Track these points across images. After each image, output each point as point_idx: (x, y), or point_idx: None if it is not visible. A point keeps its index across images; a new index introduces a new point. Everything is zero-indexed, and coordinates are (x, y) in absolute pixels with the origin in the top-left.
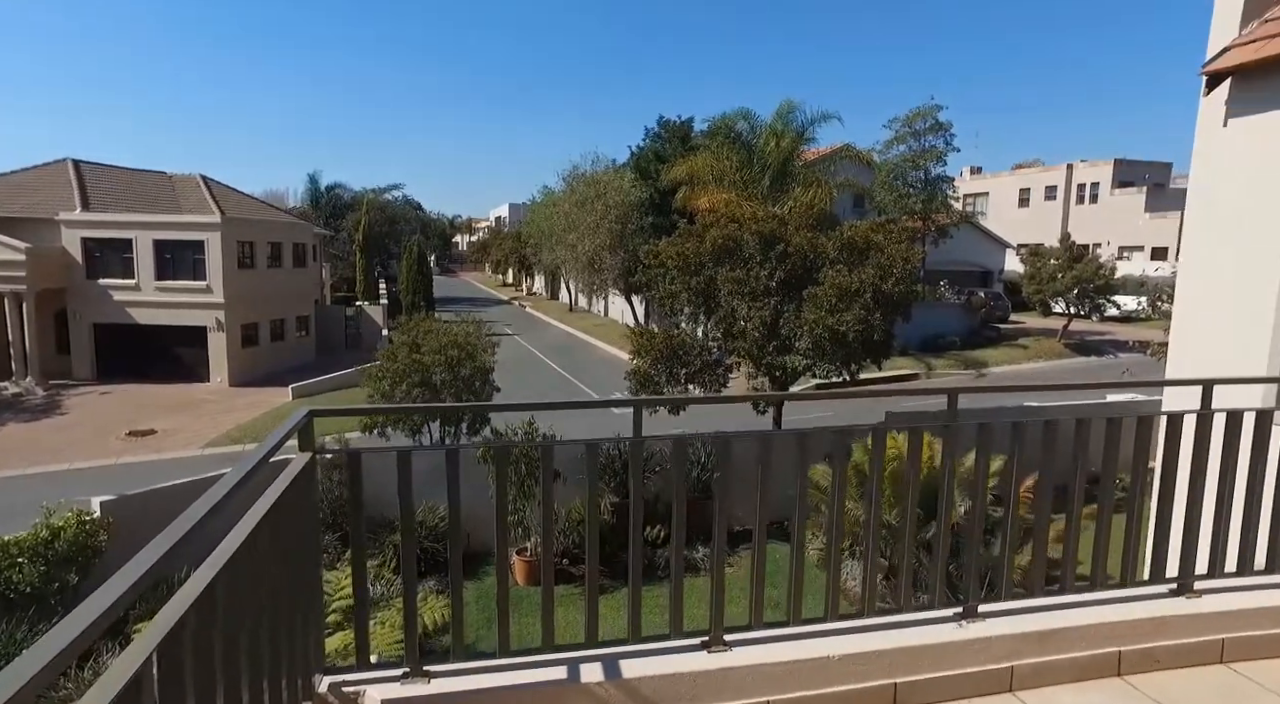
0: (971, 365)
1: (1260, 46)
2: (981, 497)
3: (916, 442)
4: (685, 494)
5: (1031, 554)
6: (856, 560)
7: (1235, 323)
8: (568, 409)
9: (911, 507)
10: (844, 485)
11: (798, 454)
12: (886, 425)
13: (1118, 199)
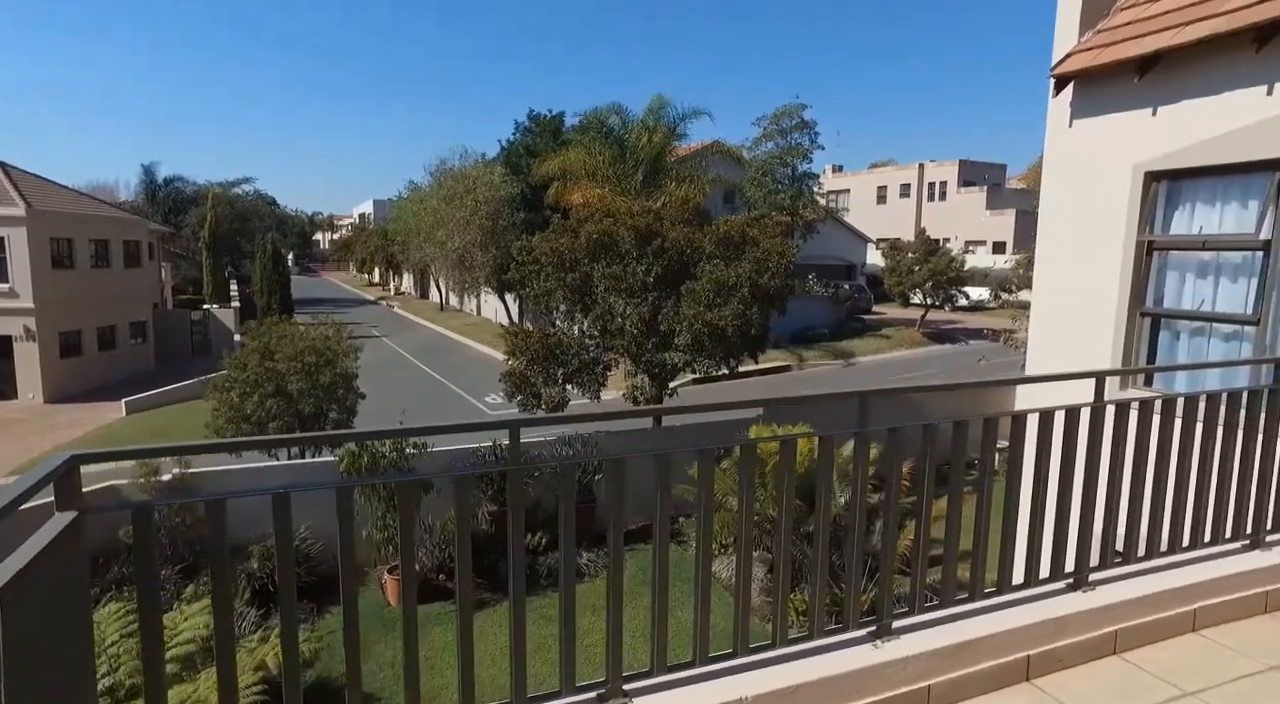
0: (840, 356)
1: (1096, 54)
2: (894, 506)
3: (828, 450)
4: (574, 526)
5: (942, 562)
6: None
7: (1084, 315)
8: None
9: (824, 523)
10: (750, 514)
11: (690, 461)
12: (795, 438)
13: (963, 197)
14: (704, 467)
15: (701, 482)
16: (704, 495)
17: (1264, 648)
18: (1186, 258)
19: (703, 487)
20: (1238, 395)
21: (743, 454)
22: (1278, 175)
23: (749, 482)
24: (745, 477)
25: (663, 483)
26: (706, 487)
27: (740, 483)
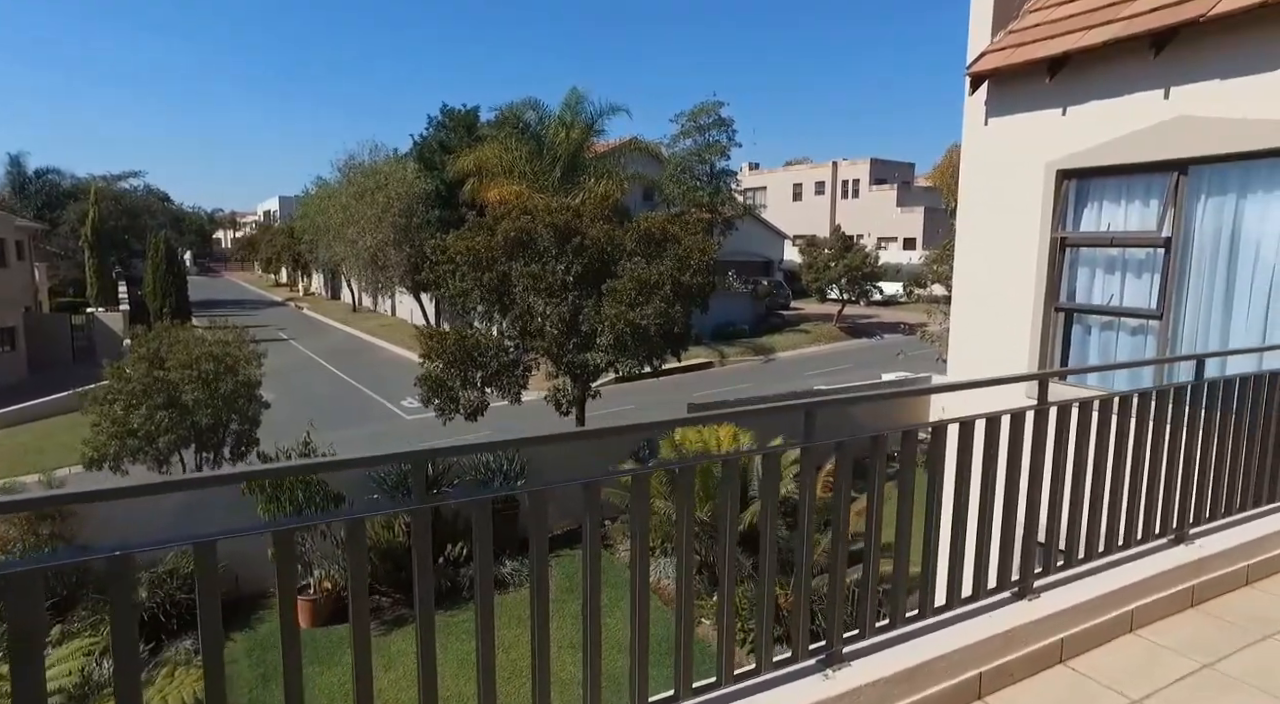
0: (761, 352)
1: (1008, 54)
2: (845, 523)
3: (774, 465)
4: (491, 569)
5: (892, 579)
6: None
7: (1002, 310)
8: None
9: (769, 545)
10: (689, 547)
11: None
12: (738, 455)
13: (874, 194)
14: (636, 503)
15: (633, 519)
16: (638, 551)
17: (1195, 645)
18: (1096, 254)
19: (635, 524)
20: (1165, 392)
21: (680, 477)
22: (1175, 175)
23: (687, 517)
24: (684, 509)
25: (591, 527)
26: (640, 525)
27: (679, 518)
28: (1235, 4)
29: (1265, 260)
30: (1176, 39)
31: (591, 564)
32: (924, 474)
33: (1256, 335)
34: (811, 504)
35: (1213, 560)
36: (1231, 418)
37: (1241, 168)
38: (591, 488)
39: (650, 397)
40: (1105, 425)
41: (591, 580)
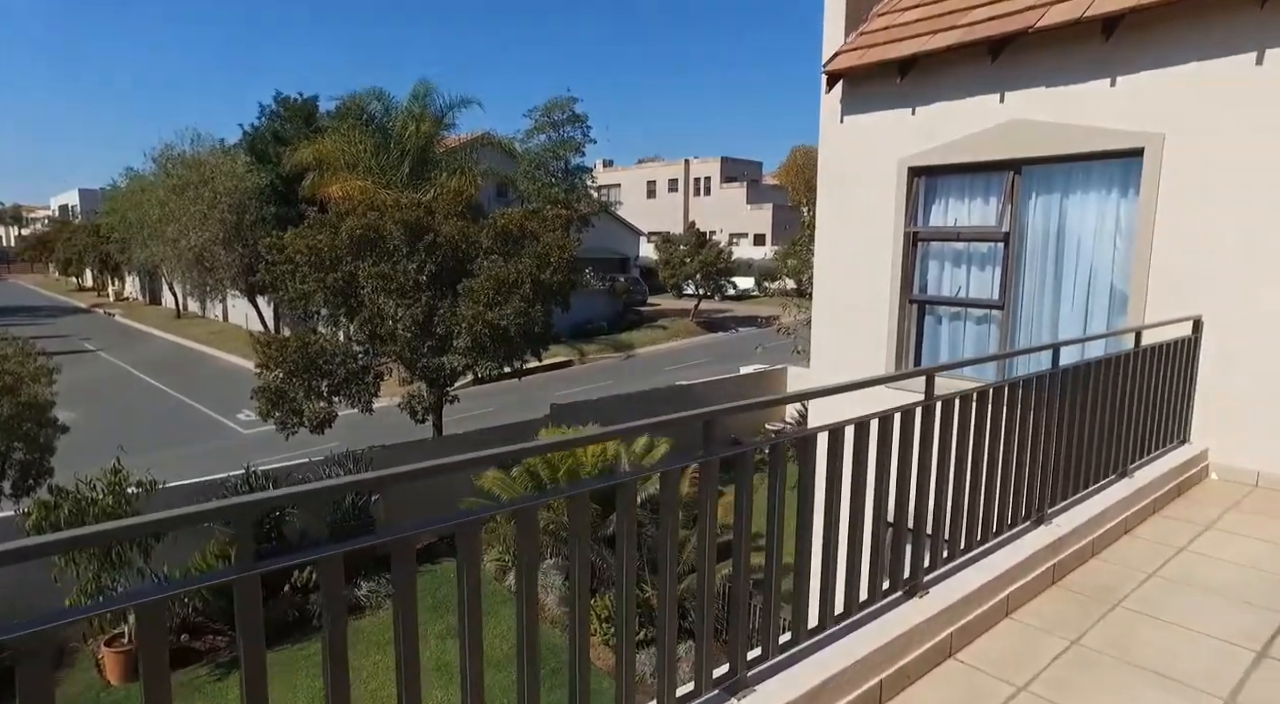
0: (621, 348)
1: (861, 54)
2: (745, 541)
3: (674, 480)
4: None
5: (794, 592)
6: (557, 572)
7: (862, 302)
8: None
9: (670, 568)
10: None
11: None
12: (677, 470)
13: (726, 192)
14: (522, 541)
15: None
16: (623, 546)
17: (1061, 622)
18: (945, 248)
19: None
20: (1030, 381)
21: (620, 495)
22: (1011, 175)
23: (628, 551)
24: (625, 539)
25: (523, 561)
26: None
27: (620, 558)
28: (1057, 19)
29: (1085, 254)
30: (1010, 47)
31: (504, 597)
32: (830, 478)
33: (1080, 323)
34: (713, 528)
35: (1067, 538)
36: (1078, 402)
37: (1065, 169)
38: (526, 517)
39: (511, 398)
40: (982, 417)
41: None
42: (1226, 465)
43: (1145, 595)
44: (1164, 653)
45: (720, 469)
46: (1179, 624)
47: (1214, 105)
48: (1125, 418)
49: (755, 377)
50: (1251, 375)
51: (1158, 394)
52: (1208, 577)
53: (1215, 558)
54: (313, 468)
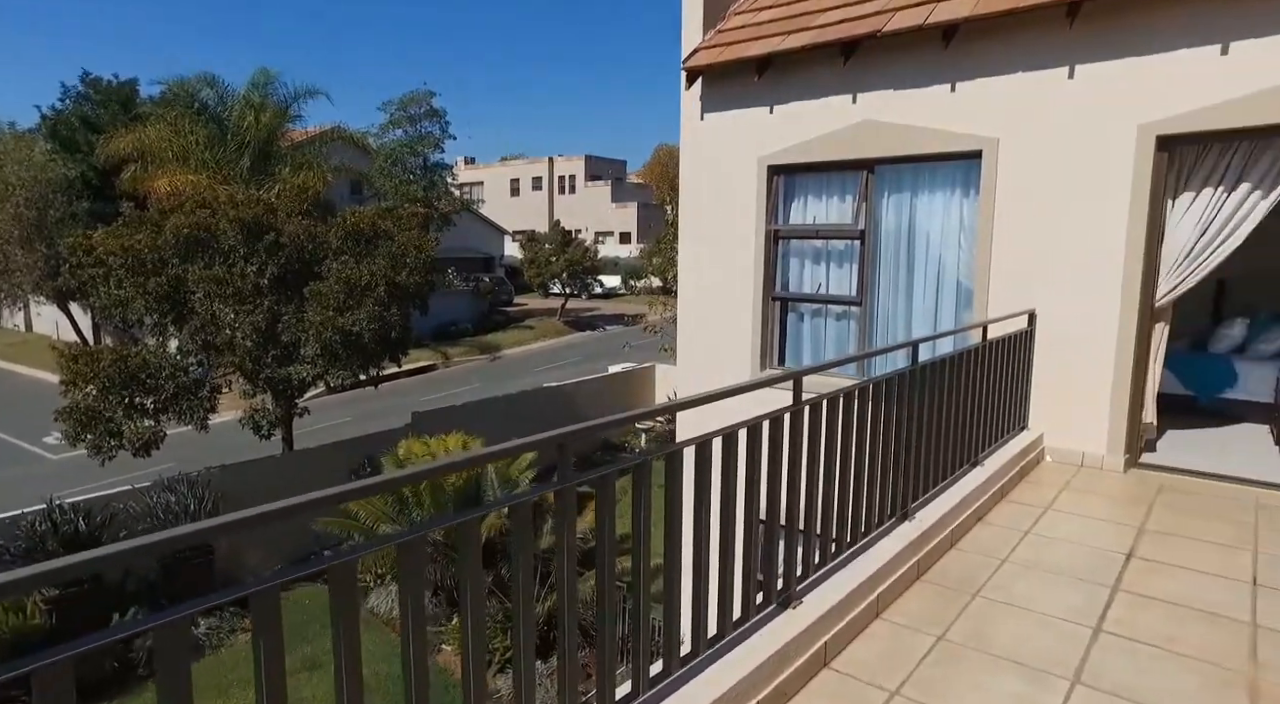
0: (487, 350)
1: (719, 52)
2: (609, 564)
3: (525, 517)
4: None
5: (664, 618)
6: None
7: (726, 300)
8: None
9: (524, 601)
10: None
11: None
12: (613, 474)
13: (590, 190)
14: (407, 579)
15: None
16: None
17: (927, 618)
18: (805, 246)
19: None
20: (894, 379)
21: (512, 517)
22: (865, 174)
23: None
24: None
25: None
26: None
27: (466, 577)
28: (901, 24)
29: (934, 251)
30: (860, 50)
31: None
32: (698, 491)
33: (931, 318)
34: (572, 564)
35: (930, 532)
36: (936, 396)
37: (914, 169)
38: (412, 549)
39: (371, 405)
40: (849, 418)
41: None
42: (1058, 448)
43: (999, 583)
44: (1019, 639)
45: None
46: (1029, 608)
47: (1037, 114)
48: (976, 409)
49: (623, 376)
50: (1074, 364)
51: (1003, 385)
52: (1049, 558)
53: (1054, 538)
54: (136, 495)
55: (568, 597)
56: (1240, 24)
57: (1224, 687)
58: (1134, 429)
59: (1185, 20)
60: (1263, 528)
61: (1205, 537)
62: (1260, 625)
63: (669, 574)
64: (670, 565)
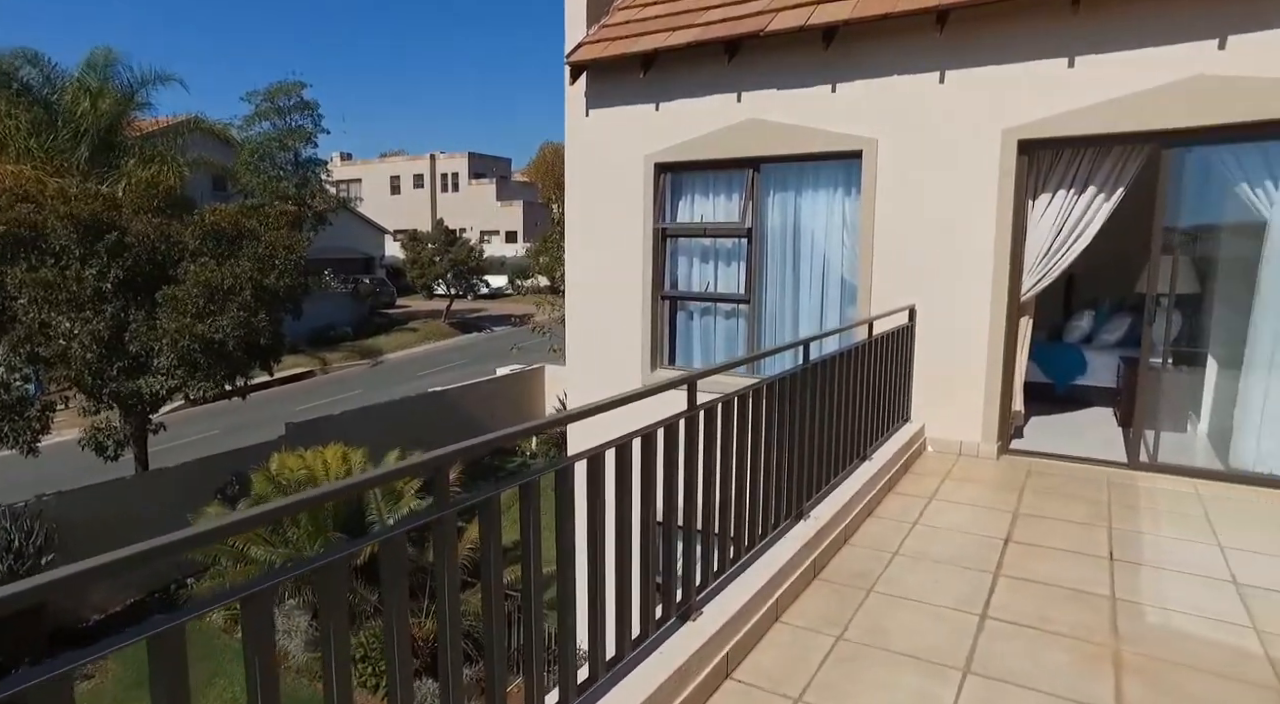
0: (368, 354)
1: (604, 47)
2: (496, 588)
3: (398, 552)
4: None
5: (559, 640)
6: (303, 612)
7: (615, 300)
8: None
9: (398, 643)
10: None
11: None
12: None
13: (474, 188)
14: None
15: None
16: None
17: (826, 617)
18: (693, 244)
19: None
20: (786, 379)
21: (383, 553)
22: (751, 172)
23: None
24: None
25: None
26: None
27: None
28: (783, 24)
29: (819, 249)
30: (745, 49)
31: None
32: (592, 508)
33: (817, 314)
34: (454, 598)
35: (824, 530)
36: (828, 393)
37: (798, 168)
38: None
39: (241, 417)
40: (744, 420)
41: None
42: (938, 438)
43: (892, 576)
44: (914, 633)
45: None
46: (921, 600)
47: (912, 116)
48: (865, 404)
49: (512, 378)
50: (951, 357)
51: (888, 379)
52: (936, 548)
53: (939, 528)
54: None
55: (450, 634)
56: (1082, 41)
57: (1093, 661)
58: (1005, 418)
59: (1038, 34)
60: (1114, 505)
61: (1068, 517)
62: (1118, 598)
63: (563, 597)
64: (564, 588)
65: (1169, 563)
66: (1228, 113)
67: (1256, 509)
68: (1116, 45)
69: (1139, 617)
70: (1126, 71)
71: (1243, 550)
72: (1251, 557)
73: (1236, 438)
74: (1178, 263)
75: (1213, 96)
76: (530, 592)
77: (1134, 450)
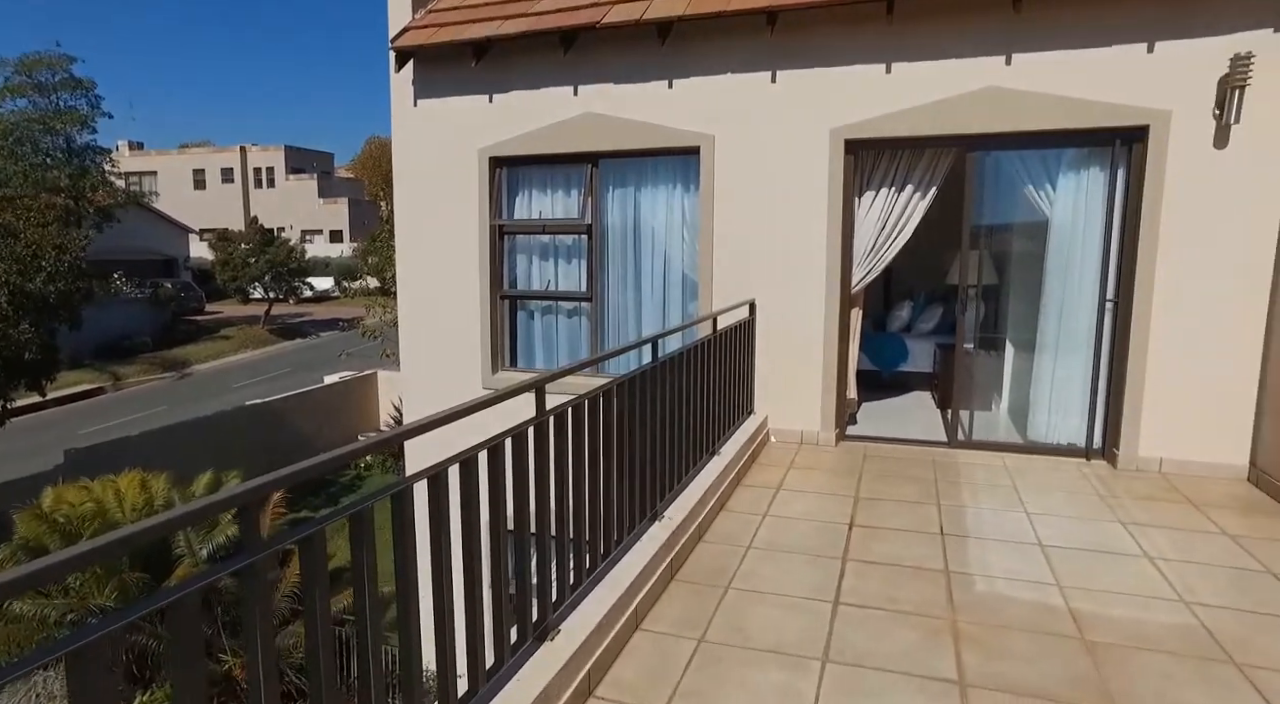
0: (172, 367)
1: (432, 33)
2: (323, 639)
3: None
4: None
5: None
6: None
7: (451, 301)
8: None
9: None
10: None
11: None
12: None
13: (293, 184)
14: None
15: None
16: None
17: (685, 621)
18: (532, 241)
19: None
20: (635, 378)
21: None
22: (589, 167)
23: None
24: None
25: None
26: None
27: None
28: (618, 18)
29: (660, 245)
30: (580, 41)
31: None
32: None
33: (660, 311)
34: (268, 653)
35: (679, 529)
36: (678, 390)
37: (637, 163)
38: None
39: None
40: (594, 423)
41: None
42: (781, 428)
43: (748, 570)
44: (772, 627)
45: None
46: (778, 592)
47: (747, 114)
48: (713, 399)
49: (342, 386)
50: (789, 348)
51: (733, 373)
52: (787, 538)
53: (788, 518)
54: None
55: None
56: (897, 48)
57: (935, 635)
58: (841, 405)
59: (860, 39)
60: (941, 483)
61: (903, 497)
62: (951, 571)
63: (405, 634)
64: (406, 623)
65: (989, 533)
66: (1015, 122)
67: (1051, 476)
68: (926, 54)
69: (969, 587)
70: (934, 79)
71: (1044, 514)
72: (1051, 519)
73: (1032, 413)
74: (982, 257)
75: (1003, 106)
76: (367, 629)
77: (952, 430)
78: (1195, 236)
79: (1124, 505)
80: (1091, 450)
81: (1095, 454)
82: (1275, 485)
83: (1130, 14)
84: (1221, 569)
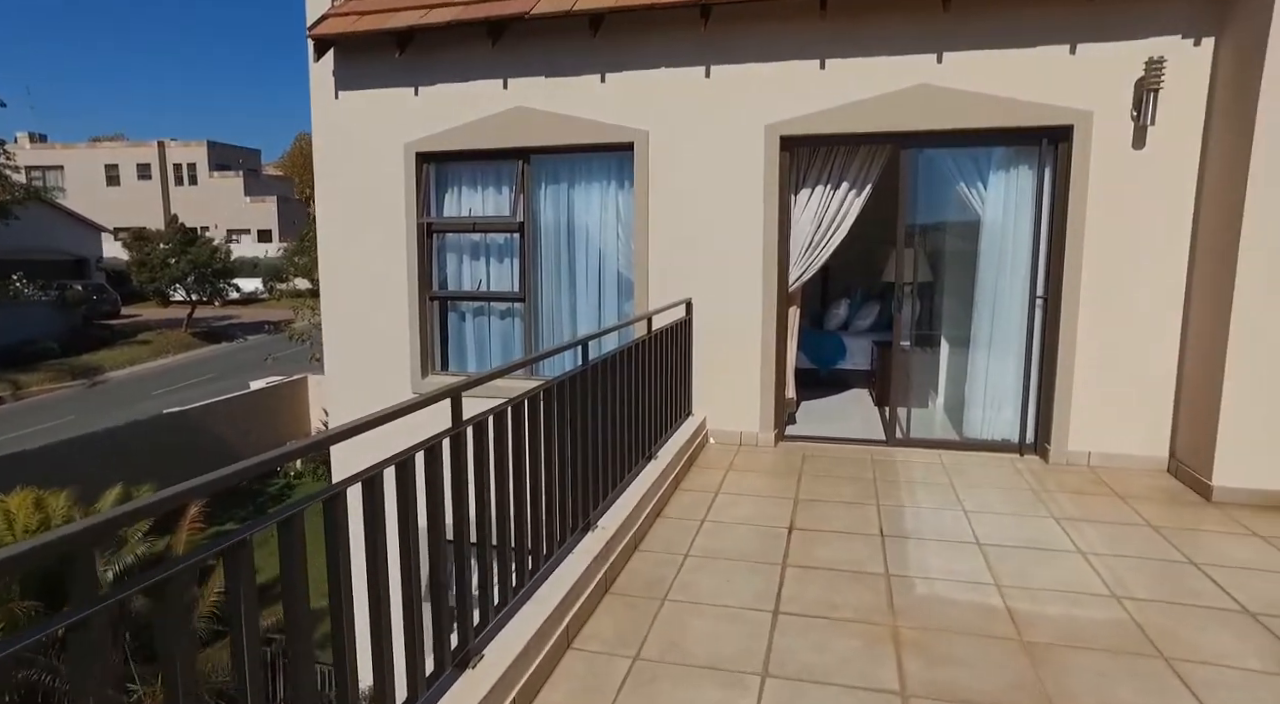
0: (82, 374)
1: (354, 20)
2: (248, 669)
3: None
4: None
5: None
6: None
7: (378, 303)
8: None
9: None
10: None
11: None
12: None
13: (218, 182)
14: None
15: None
16: None
17: (620, 638)
18: (462, 240)
19: None
20: (564, 382)
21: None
22: (521, 163)
23: None
24: None
25: None
26: None
27: None
28: (549, 8)
29: (594, 243)
30: (510, 33)
31: None
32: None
33: (595, 311)
34: (189, 677)
35: (613, 540)
36: (610, 394)
37: (569, 159)
38: None
39: None
40: (519, 431)
41: None
42: (719, 430)
43: (685, 580)
44: (711, 640)
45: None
46: (716, 603)
47: (681, 109)
48: (648, 401)
49: (270, 391)
50: (727, 348)
51: (670, 374)
52: (726, 545)
53: (726, 523)
54: None
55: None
56: (830, 45)
57: (877, 643)
58: (780, 405)
59: (793, 35)
60: (879, 482)
61: (842, 498)
62: (891, 574)
63: (340, 655)
64: (340, 641)
65: (928, 533)
66: (947, 120)
67: (986, 472)
68: (860, 51)
69: (910, 590)
70: (869, 76)
71: (981, 512)
72: (988, 517)
73: (967, 410)
74: (917, 254)
75: (935, 104)
76: (298, 644)
77: (890, 428)
78: (1116, 235)
79: (1056, 500)
80: (1025, 446)
81: (1028, 449)
82: (1192, 476)
83: (1051, 15)
84: (1148, 561)
